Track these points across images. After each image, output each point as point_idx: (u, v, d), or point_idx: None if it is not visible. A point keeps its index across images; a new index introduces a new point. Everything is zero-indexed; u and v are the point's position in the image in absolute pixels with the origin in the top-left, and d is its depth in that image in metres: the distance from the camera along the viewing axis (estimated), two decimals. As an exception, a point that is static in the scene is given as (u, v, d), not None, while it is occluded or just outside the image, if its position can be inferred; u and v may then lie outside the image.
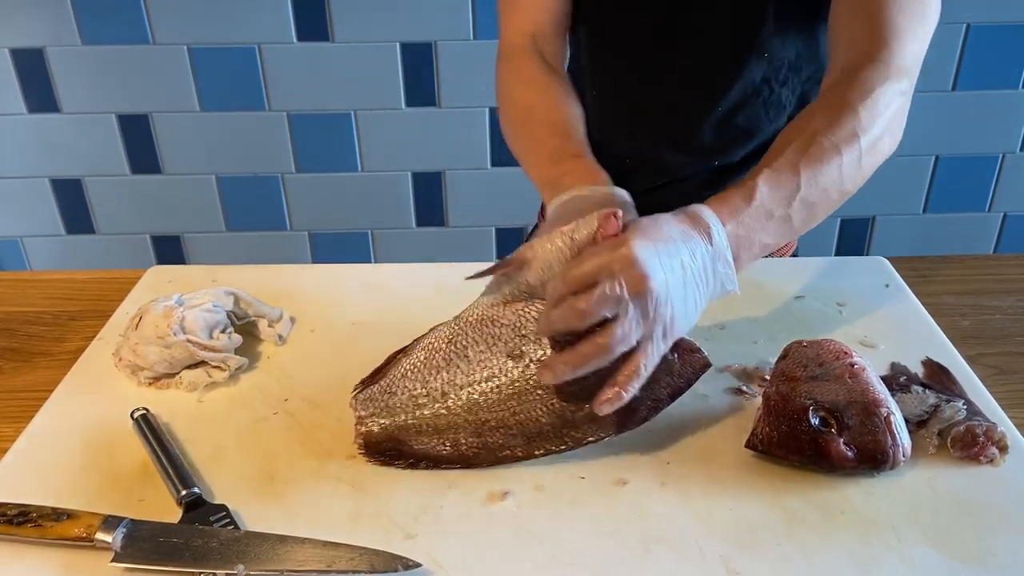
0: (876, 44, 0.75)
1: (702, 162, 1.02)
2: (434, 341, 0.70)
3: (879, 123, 0.72)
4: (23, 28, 1.72)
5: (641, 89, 0.99)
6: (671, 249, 0.62)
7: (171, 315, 0.76)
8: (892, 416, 0.64)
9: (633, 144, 1.02)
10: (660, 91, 0.98)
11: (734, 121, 0.98)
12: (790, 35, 0.93)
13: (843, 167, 0.70)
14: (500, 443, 0.65)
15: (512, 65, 0.96)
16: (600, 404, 0.61)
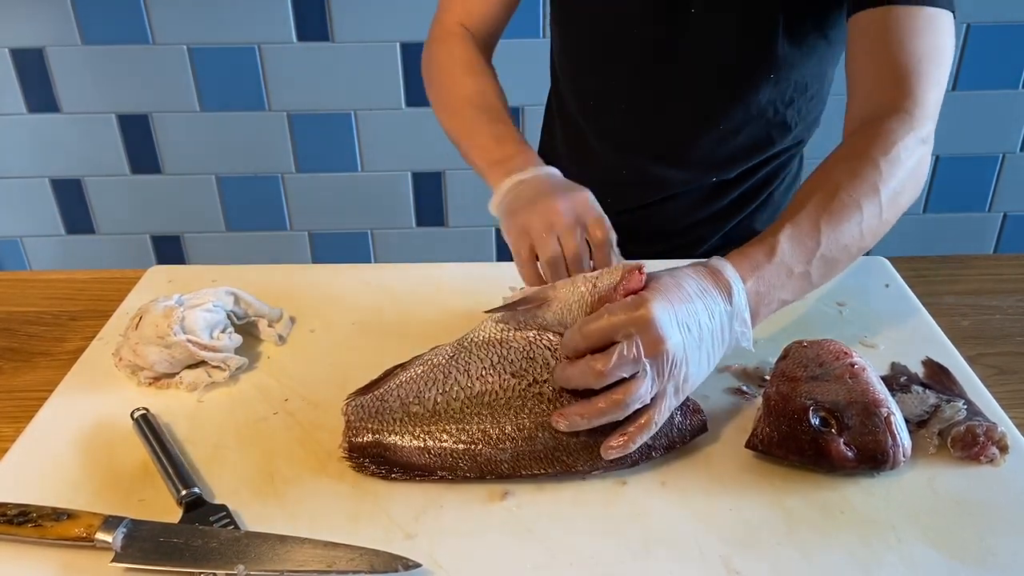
0: (898, 94, 0.75)
1: (700, 178, 1.02)
2: (434, 357, 0.70)
3: (900, 176, 0.73)
4: (23, 28, 1.73)
5: (639, 104, 0.99)
6: (690, 308, 0.63)
7: (171, 315, 0.76)
8: (892, 416, 0.64)
9: (628, 159, 1.02)
10: (660, 107, 0.98)
11: (736, 140, 0.98)
12: (798, 57, 0.93)
13: (863, 223, 0.72)
14: (487, 457, 0.65)
15: (447, 46, 0.99)
16: (607, 450, 0.63)
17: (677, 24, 0.91)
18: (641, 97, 0.98)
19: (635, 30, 0.94)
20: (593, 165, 1.04)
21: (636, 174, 1.02)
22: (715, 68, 0.94)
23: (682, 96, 0.96)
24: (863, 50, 0.79)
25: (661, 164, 1.01)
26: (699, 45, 0.92)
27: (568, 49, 1.03)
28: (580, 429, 0.63)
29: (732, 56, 0.92)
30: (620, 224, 0.84)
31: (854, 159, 0.72)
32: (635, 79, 0.97)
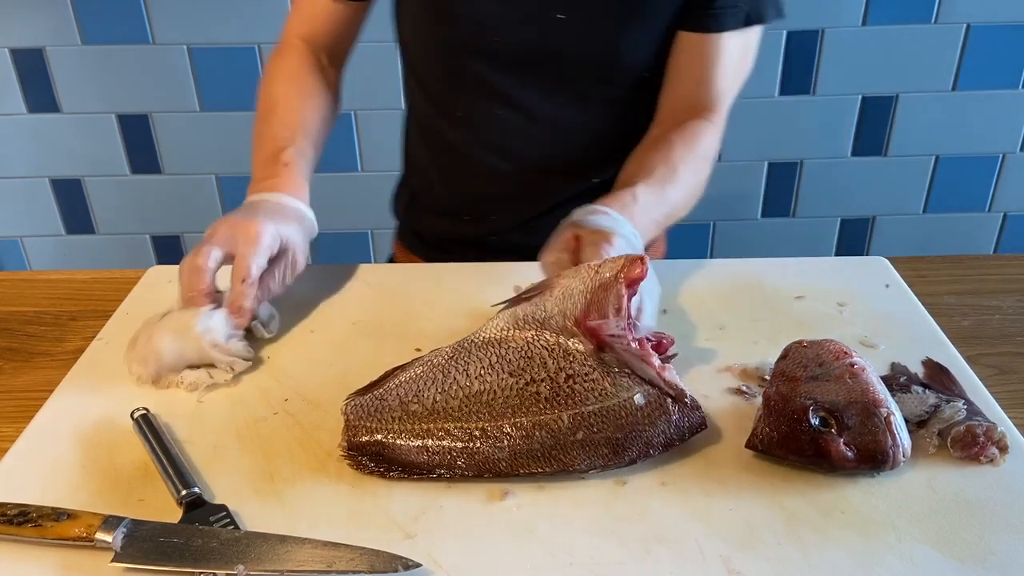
0: (706, 105, 0.95)
1: (582, 182, 1.03)
2: (434, 358, 0.70)
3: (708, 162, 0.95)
4: (23, 28, 1.73)
5: (515, 113, 0.98)
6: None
7: (200, 311, 0.77)
8: (892, 416, 0.64)
9: (513, 170, 1.02)
10: (534, 114, 0.98)
11: (610, 139, 1.01)
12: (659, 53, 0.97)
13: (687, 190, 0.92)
14: (486, 455, 0.65)
15: (280, 57, 1.00)
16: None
17: (544, 30, 0.92)
18: (517, 106, 0.98)
19: (504, 40, 0.94)
20: (472, 182, 1.04)
21: (522, 186, 1.03)
22: (586, 71, 0.95)
23: (557, 101, 0.97)
24: (684, 63, 0.95)
25: (543, 171, 1.02)
26: (568, 50, 0.93)
27: (431, 69, 1.01)
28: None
29: (601, 58, 0.94)
30: (511, 242, 0.94)
31: (678, 144, 0.91)
32: (510, 87, 0.97)
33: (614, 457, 0.64)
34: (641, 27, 0.93)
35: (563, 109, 0.97)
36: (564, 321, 0.70)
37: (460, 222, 1.07)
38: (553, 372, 0.67)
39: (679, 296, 0.89)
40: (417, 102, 1.07)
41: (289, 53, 1.00)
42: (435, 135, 1.04)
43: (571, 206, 1.04)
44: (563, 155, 1.01)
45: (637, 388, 0.66)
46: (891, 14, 1.72)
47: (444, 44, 0.96)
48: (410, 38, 1.02)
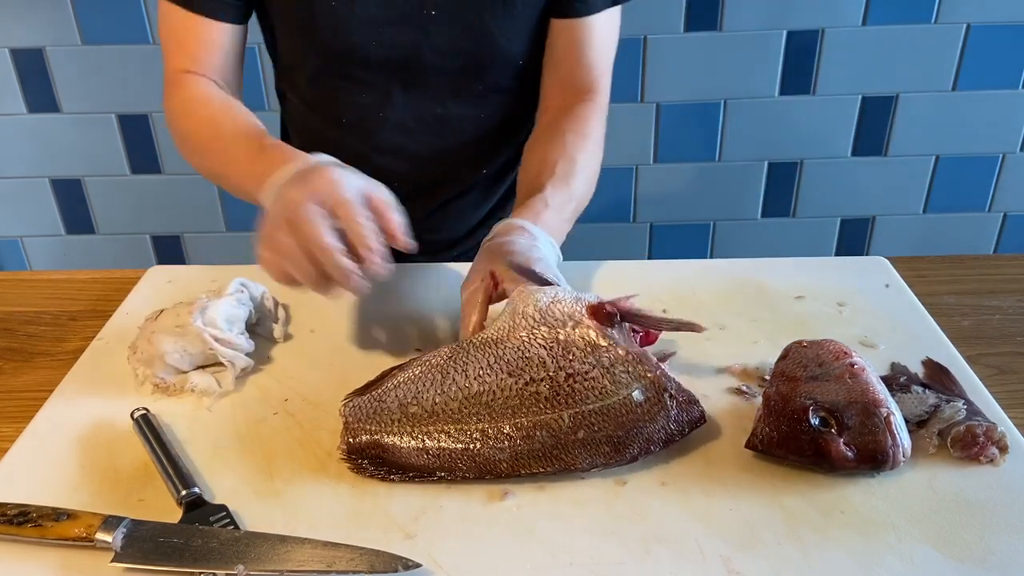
0: (587, 87, 0.98)
1: (473, 173, 1.05)
2: (432, 359, 0.70)
3: (598, 144, 0.97)
4: (23, 28, 1.73)
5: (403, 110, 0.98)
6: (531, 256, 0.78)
7: (194, 303, 0.77)
8: (892, 416, 0.64)
9: (407, 169, 1.02)
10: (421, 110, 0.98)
11: (497, 129, 1.03)
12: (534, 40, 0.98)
13: (588, 178, 0.94)
14: (486, 456, 0.65)
15: (181, 91, 0.93)
16: None
17: (420, 26, 0.92)
18: (403, 105, 0.98)
19: (381, 39, 0.93)
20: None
21: (416, 185, 1.03)
22: (466, 64, 0.96)
23: (441, 97, 0.98)
24: (560, 48, 0.97)
25: (436, 168, 1.03)
26: (446, 45, 0.94)
27: (312, 81, 0.99)
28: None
29: (478, 50, 0.95)
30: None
31: (569, 134, 0.94)
32: (393, 87, 0.97)
33: (615, 455, 0.64)
34: (512, 16, 0.94)
35: (448, 105, 0.99)
36: (575, 306, 0.70)
37: None
38: (553, 371, 0.67)
39: (679, 296, 0.89)
40: (298, 113, 1.05)
41: (185, 85, 0.93)
42: (322, 144, 1.02)
43: (465, 198, 1.06)
44: (453, 149, 1.02)
45: (636, 384, 0.66)
46: (891, 14, 1.72)
47: (323, 56, 0.95)
48: (284, 51, 1.01)
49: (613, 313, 0.70)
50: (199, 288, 0.88)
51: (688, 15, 1.71)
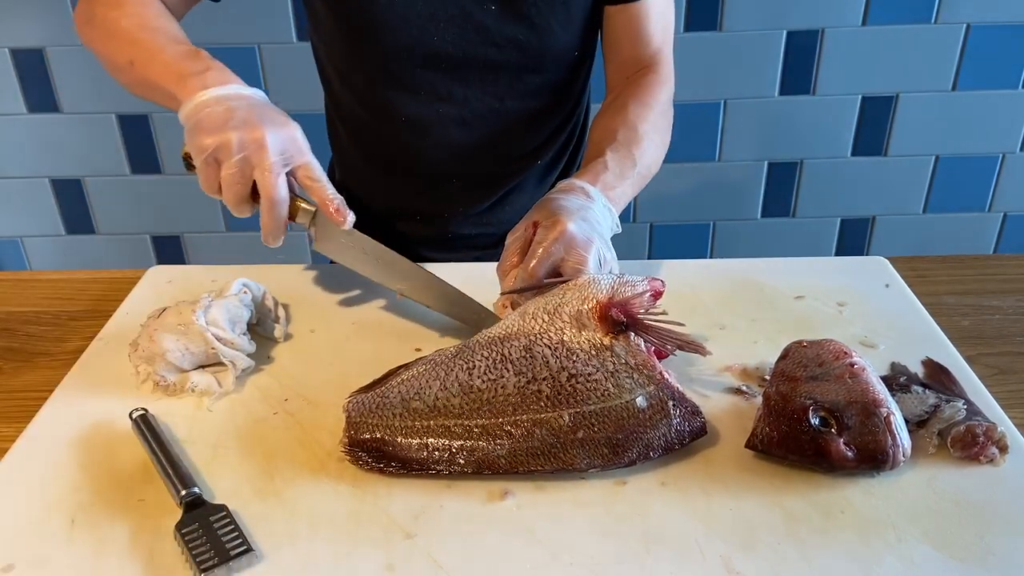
0: (648, 64, 0.99)
1: (527, 167, 1.05)
2: (438, 356, 0.70)
3: (666, 117, 0.98)
4: (23, 28, 1.73)
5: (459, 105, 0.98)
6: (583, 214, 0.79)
7: (197, 302, 0.77)
8: (892, 416, 0.64)
9: (460, 163, 1.02)
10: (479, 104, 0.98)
11: (550, 121, 1.03)
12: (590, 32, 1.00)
13: (654, 148, 0.94)
14: (486, 452, 0.65)
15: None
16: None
17: (479, 22, 0.92)
18: (459, 102, 0.98)
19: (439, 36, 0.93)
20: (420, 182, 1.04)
21: (471, 180, 1.03)
22: (522, 59, 0.96)
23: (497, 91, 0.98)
24: (617, 31, 0.99)
25: (490, 162, 1.03)
26: (503, 40, 0.94)
27: (366, 80, 0.99)
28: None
29: (536, 44, 0.95)
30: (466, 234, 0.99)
31: (631, 104, 0.94)
32: (449, 84, 0.97)
33: (614, 457, 0.64)
34: (568, 8, 0.94)
35: (505, 99, 0.99)
36: (581, 305, 0.70)
37: (413, 223, 1.08)
38: (555, 371, 0.67)
39: (679, 296, 0.89)
40: (349, 108, 1.05)
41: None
42: (375, 143, 1.03)
43: (520, 192, 1.06)
44: (509, 143, 1.03)
45: (640, 391, 0.66)
46: (891, 14, 1.72)
47: (382, 55, 0.95)
48: (337, 47, 1.00)
49: (621, 322, 0.70)
50: (199, 288, 0.88)
51: (688, 15, 1.71)
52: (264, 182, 0.75)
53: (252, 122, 0.75)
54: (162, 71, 0.81)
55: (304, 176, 0.78)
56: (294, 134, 0.77)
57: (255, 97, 0.79)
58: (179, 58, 0.80)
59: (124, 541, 0.60)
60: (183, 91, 0.78)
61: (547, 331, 0.70)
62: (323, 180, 0.79)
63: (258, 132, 0.74)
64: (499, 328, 0.71)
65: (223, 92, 0.77)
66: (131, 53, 0.84)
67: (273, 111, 0.78)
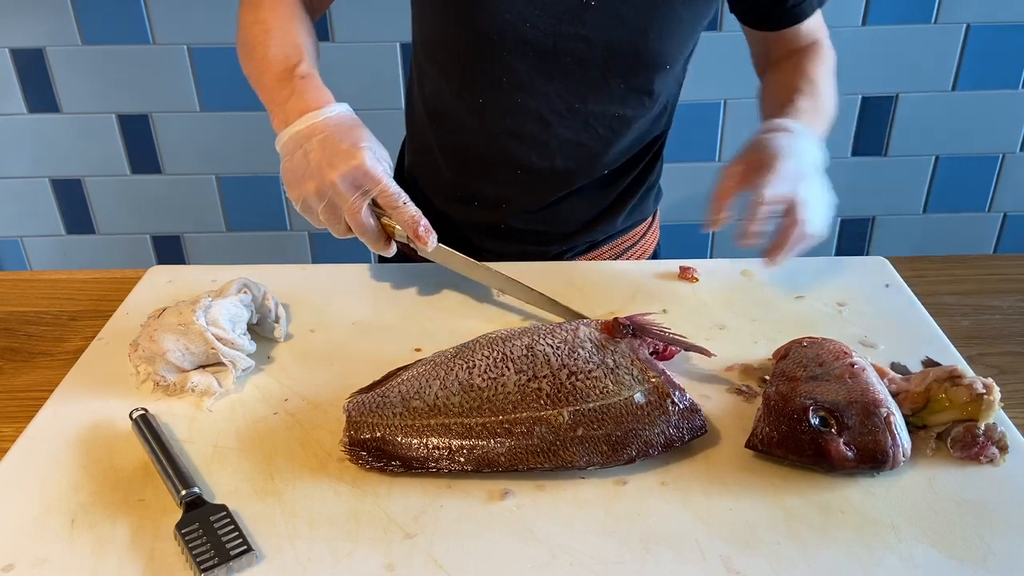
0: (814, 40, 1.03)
1: (597, 171, 1.04)
2: (438, 356, 0.71)
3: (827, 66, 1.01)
4: (23, 28, 1.73)
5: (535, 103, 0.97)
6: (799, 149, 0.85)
7: (197, 302, 0.77)
8: (892, 416, 0.64)
9: (530, 156, 1.01)
10: (558, 100, 0.97)
11: (630, 129, 1.02)
12: (685, 46, 0.99)
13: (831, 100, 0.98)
14: (485, 450, 0.65)
15: (253, 7, 0.94)
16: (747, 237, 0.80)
17: (575, 17, 0.91)
18: (541, 95, 0.97)
19: (533, 24, 0.92)
20: (488, 170, 1.03)
21: (537, 175, 1.02)
22: (613, 60, 0.94)
23: (580, 90, 0.97)
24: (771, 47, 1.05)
25: (560, 161, 1.02)
26: (597, 38, 0.93)
27: (455, 59, 0.99)
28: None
29: (629, 47, 0.94)
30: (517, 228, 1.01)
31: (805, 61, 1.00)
32: (535, 76, 0.96)
33: (613, 455, 0.65)
34: (670, 17, 0.93)
35: (588, 100, 0.97)
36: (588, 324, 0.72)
37: (470, 209, 1.07)
38: (556, 368, 0.67)
39: (679, 296, 0.89)
40: (432, 90, 1.05)
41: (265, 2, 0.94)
42: (452, 123, 1.03)
43: (580, 196, 1.05)
44: (582, 145, 1.01)
45: (639, 388, 0.67)
46: (891, 14, 1.72)
47: (473, 35, 0.95)
48: (429, 24, 1.00)
49: (627, 325, 0.71)
50: (199, 288, 0.88)
51: (688, 15, 1.71)
52: (352, 222, 0.80)
53: (324, 166, 0.78)
54: (265, 97, 0.87)
55: (384, 204, 0.81)
56: (362, 164, 0.78)
57: (328, 121, 0.82)
58: (273, 84, 0.86)
59: (124, 541, 0.60)
60: (274, 123, 0.84)
61: (551, 331, 0.71)
62: (401, 204, 0.81)
63: (329, 176, 0.78)
64: (502, 329, 0.72)
65: (297, 128, 0.82)
66: (250, 70, 0.91)
67: (342, 141, 0.80)
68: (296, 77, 0.85)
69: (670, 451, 0.66)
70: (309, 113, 0.82)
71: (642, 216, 1.15)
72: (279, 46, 0.89)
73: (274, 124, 0.85)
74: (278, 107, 0.84)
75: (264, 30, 0.91)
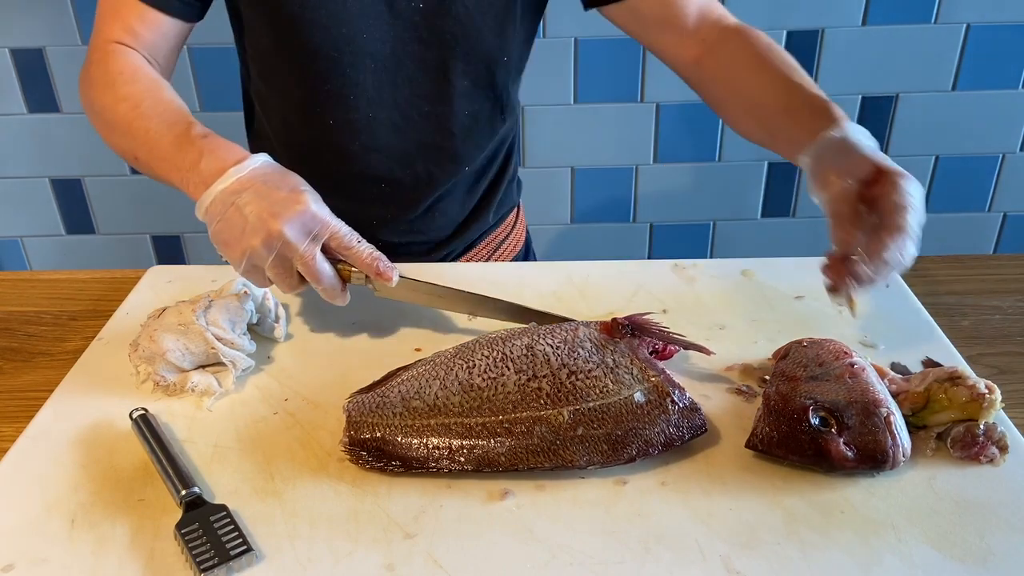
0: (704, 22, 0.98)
1: (458, 170, 1.04)
2: (439, 356, 0.71)
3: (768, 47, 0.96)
4: (23, 28, 1.73)
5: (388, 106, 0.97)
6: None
7: (197, 302, 0.77)
8: (892, 416, 0.64)
9: (390, 174, 1.01)
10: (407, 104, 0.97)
11: (478, 126, 1.02)
12: (523, 38, 0.99)
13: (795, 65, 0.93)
14: (485, 450, 0.65)
15: (107, 62, 0.88)
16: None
17: (407, 17, 0.91)
18: (390, 104, 0.97)
19: (369, 34, 0.92)
20: (350, 188, 1.01)
21: (401, 185, 1.02)
22: (457, 56, 0.95)
23: (429, 93, 0.97)
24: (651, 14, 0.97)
25: (422, 166, 1.02)
26: (433, 40, 0.93)
27: (295, 81, 0.97)
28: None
29: (472, 42, 0.94)
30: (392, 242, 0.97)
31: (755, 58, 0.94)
32: (382, 86, 0.95)
33: (613, 454, 0.65)
34: (498, 7, 0.93)
35: (433, 102, 0.97)
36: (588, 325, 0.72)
37: None
38: (556, 368, 0.67)
39: (679, 296, 0.89)
40: (277, 118, 1.03)
41: (114, 56, 0.88)
42: (306, 148, 1.01)
43: (450, 199, 1.06)
44: (439, 147, 1.01)
45: (638, 387, 0.67)
46: (891, 14, 1.72)
47: (311, 55, 0.93)
48: (263, 48, 0.98)
49: (626, 325, 0.71)
50: (199, 288, 0.88)
51: (688, 15, 1.71)
52: (306, 270, 0.74)
53: (266, 217, 0.72)
54: (164, 168, 0.80)
55: (336, 246, 0.75)
56: (309, 209, 0.73)
57: (255, 174, 0.75)
58: (174, 150, 0.78)
59: (124, 541, 0.60)
60: (188, 191, 0.77)
61: (551, 331, 0.71)
62: (354, 244, 0.76)
63: (276, 226, 0.71)
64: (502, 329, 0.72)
65: (224, 185, 0.74)
66: (133, 147, 0.84)
67: (278, 188, 0.74)
68: (197, 138, 0.78)
69: (670, 451, 0.66)
70: (230, 169, 0.74)
71: (509, 206, 1.16)
72: (158, 116, 0.82)
73: (188, 191, 0.77)
74: (188, 172, 0.76)
75: (132, 105, 0.84)
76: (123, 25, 0.90)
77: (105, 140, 0.88)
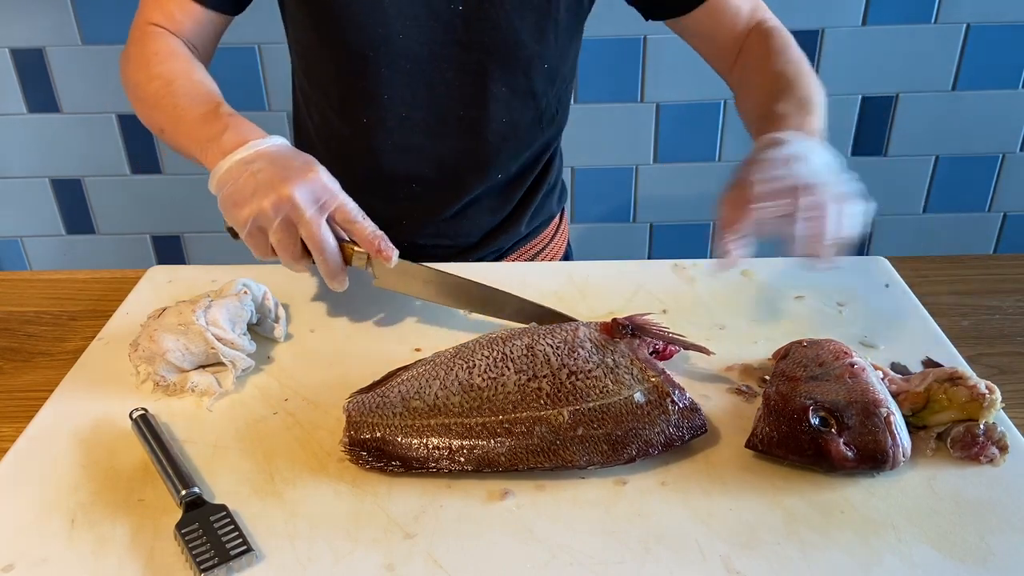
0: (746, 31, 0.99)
1: (490, 177, 1.03)
2: (438, 356, 0.71)
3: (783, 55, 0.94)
4: (23, 28, 1.73)
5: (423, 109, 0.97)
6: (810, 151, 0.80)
7: (197, 302, 0.77)
8: (892, 416, 0.64)
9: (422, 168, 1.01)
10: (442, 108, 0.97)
11: (516, 133, 1.01)
12: (565, 47, 0.98)
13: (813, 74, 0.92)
14: (485, 450, 0.65)
15: (146, 43, 0.92)
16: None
17: (447, 22, 0.91)
18: (426, 106, 0.97)
19: (406, 36, 0.92)
20: (382, 187, 1.01)
21: (433, 188, 1.02)
22: (489, 63, 0.94)
23: (464, 97, 0.96)
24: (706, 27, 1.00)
25: (454, 170, 1.01)
26: (471, 42, 0.92)
27: (333, 80, 0.98)
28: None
29: (502, 47, 0.93)
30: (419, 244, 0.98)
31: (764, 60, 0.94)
32: (417, 87, 0.95)
33: (613, 454, 0.65)
34: (541, 15, 0.92)
35: (469, 107, 0.97)
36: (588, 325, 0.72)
37: None
38: (556, 368, 0.67)
39: (679, 296, 0.89)
40: (317, 114, 1.03)
41: (153, 37, 0.92)
42: (340, 144, 1.02)
43: (479, 206, 1.05)
44: (473, 152, 1.00)
45: (638, 387, 0.67)
46: (891, 14, 1.72)
47: (347, 54, 0.93)
48: (306, 45, 0.99)
49: (626, 325, 0.71)
50: (199, 288, 0.88)
51: (688, 15, 1.71)
52: (310, 237, 0.75)
53: (277, 182, 0.74)
54: (187, 140, 0.83)
55: (342, 219, 0.77)
56: (320, 178, 0.76)
57: (273, 148, 0.78)
58: (198, 123, 0.82)
59: (124, 541, 0.60)
60: (206, 160, 0.80)
61: (551, 331, 0.71)
62: (359, 219, 0.78)
63: (286, 190, 0.74)
64: (503, 329, 0.72)
65: (241, 155, 0.77)
66: (160, 120, 0.87)
67: (293, 160, 0.77)
68: (224, 115, 0.81)
69: (670, 451, 0.66)
70: (252, 142, 0.78)
71: (547, 217, 1.14)
72: (189, 95, 0.85)
73: (206, 160, 0.80)
74: (211, 143, 0.79)
75: (165, 83, 0.87)
76: (163, 11, 0.94)
77: (137, 114, 0.92)
